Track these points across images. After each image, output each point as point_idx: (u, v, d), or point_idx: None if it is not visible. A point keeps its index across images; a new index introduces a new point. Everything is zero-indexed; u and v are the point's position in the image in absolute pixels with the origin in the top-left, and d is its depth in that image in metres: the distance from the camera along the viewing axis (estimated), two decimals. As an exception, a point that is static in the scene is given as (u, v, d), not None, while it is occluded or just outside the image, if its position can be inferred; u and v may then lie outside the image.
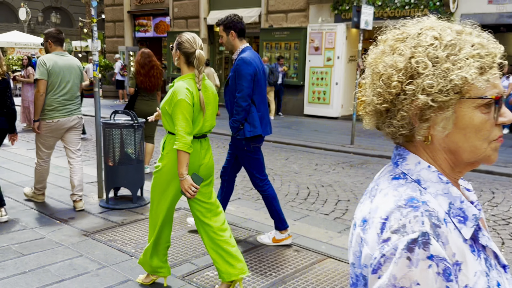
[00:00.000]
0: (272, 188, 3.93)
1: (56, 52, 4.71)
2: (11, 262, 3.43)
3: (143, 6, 18.50)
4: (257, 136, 3.72)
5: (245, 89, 3.61)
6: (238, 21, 3.79)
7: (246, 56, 3.67)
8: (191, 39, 2.96)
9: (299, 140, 9.69)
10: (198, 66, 2.90)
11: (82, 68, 4.95)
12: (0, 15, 32.16)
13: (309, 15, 13.79)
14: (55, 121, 4.60)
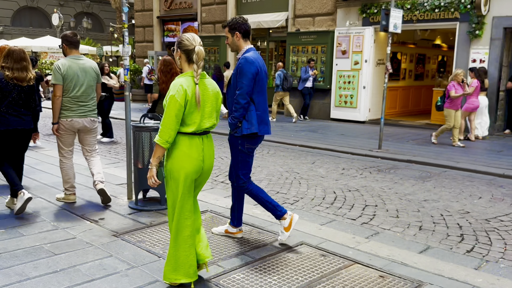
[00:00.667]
0: (255, 185, 4.07)
1: (71, 55, 4.91)
2: (43, 261, 3.53)
3: (172, 12, 18.78)
4: (254, 135, 3.81)
5: (245, 87, 3.71)
6: (243, 23, 3.89)
7: (249, 56, 3.77)
8: (190, 37, 3.08)
9: (325, 144, 9.63)
10: (197, 61, 3.00)
11: (98, 70, 5.13)
12: (34, 21, 33.20)
13: (336, 18, 13.72)
14: (69, 120, 4.85)
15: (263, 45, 16.90)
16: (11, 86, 4.55)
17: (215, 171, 7.18)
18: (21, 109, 4.64)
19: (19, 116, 4.62)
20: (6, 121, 4.56)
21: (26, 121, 4.70)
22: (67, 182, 5.06)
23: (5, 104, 4.55)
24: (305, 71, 13.53)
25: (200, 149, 3.08)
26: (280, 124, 12.97)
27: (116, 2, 26.24)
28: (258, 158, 8.25)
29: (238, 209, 4.14)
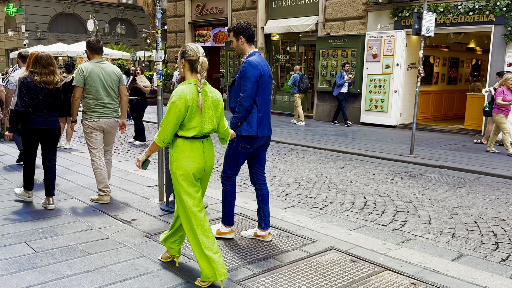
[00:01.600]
0: (233, 187, 4.13)
1: (94, 60, 5.24)
2: (77, 260, 3.63)
3: (203, 17, 19.02)
4: (252, 136, 3.94)
5: (248, 90, 3.86)
6: (247, 27, 4.03)
7: (253, 60, 3.91)
8: (194, 48, 3.27)
9: (355, 148, 9.54)
10: (201, 71, 3.20)
11: (120, 74, 5.41)
12: (70, 27, 34.22)
13: (367, 22, 13.60)
14: (96, 120, 5.17)
15: (293, 49, 16.90)
16: (39, 88, 4.83)
17: (244, 174, 7.22)
18: (47, 110, 4.93)
19: (44, 117, 4.90)
20: (32, 121, 4.85)
21: (51, 121, 4.96)
22: (101, 182, 5.23)
23: (32, 105, 4.83)
24: (340, 76, 13.29)
25: (201, 152, 3.28)
26: (309, 128, 12.92)
27: (149, 8, 26.78)
28: (287, 162, 8.25)
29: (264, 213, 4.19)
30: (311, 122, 14.63)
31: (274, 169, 7.69)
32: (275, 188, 6.42)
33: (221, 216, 4.21)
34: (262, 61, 4.00)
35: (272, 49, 17.09)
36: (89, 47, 5.26)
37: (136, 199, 5.37)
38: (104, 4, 34.84)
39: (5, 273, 3.35)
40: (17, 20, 32.45)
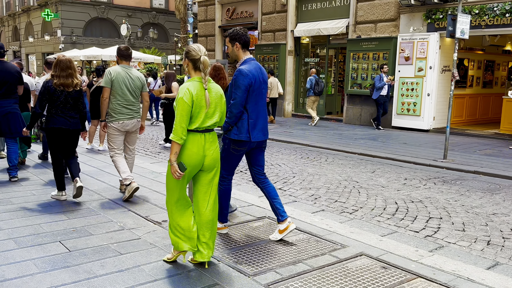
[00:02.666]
0: (229, 187, 4.31)
1: (121, 65, 5.60)
2: (109, 260, 3.70)
3: (233, 21, 19.15)
4: (240, 141, 4.08)
5: (238, 98, 3.99)
6: (243, 34, 4.13)
7: (244, 68, 4.01)
8: (196, 48, 3.47)
9: (386, 152, 9.39)
10: (204, 70, 3.40)
11: (144, 80, 5.76)
12: (104, 31, 35.07)
13: (399, 24, 13.38)
14: (121, 122, 5.53)
15: (322, 52, 16.81)
16: (59, 92, 5.21)
17: (273, 177, 7.21)
18: (69, 111, 5.29)
19: (66, 118, 5.27)
20: (54, 120, 5.23)
21: (73, 122, 5.34)
22: (124, 172, 5.53)
23: (54, 106, 5.24)
24: (379, 78, 12.92)
25: (201, 145, 3.43)
26: (339, 132, 12.80)
27: (180, 13, 27.18)
28: (316, 166, 8.19)
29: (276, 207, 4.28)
30: (340, 125, 14.49)
31: (303, 172, 7.65)
32: (304, 191, 6.38)
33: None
34: (255, 68, 4.10)
35: (301, 52, 17.04)
36: (119, 53, 5.64)
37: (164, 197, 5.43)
38: (137, 9, 35.56)
39: (40, 271, 3.45)
40: (54, 25, 33.49)
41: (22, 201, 5.31)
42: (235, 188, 6.11)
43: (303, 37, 16.68)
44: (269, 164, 8.31)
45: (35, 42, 36.45)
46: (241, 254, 3.87)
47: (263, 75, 4.19)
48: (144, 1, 36.12)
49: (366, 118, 14.45)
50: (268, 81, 14.36)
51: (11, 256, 3.72)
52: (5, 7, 41.41)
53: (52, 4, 32.90)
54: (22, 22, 38.80)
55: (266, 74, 4.26)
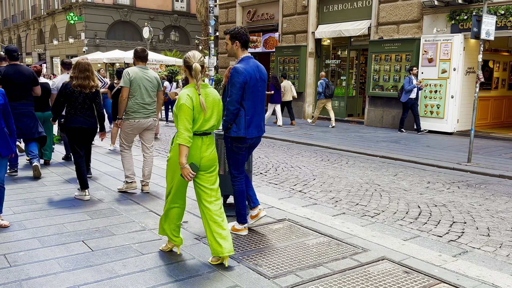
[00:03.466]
0: (242, 186, 4.37)
1: (138, 66, 5.79)
2: (131, 260, 3.74)
3: (254, 23, 19.20)
4: (241, 137, 4.20)
5: (234, 95, 4.12)
6: (244, 34, 4.25)
7: (239, 67, 4.15)
8: (191, 55, 3.64)
9: (409, 155, 9.25)
10: (195, 76, 3.55)
11: (159, 80, 5.97)
12: (127, 34, 35.58)
13: (422, 25, 13.20)
14: (136, 121, 5.72)
15: (344, 54, 16.69)
16: (77, 93, 5.51)
17: (293, 180, 7.18)
18: (87, 111, 5.61)
19: (84, 117, 5.58)
20: (74, 120, 5.55)
21: (91, 122, 5.66)
22: (128, 169, 5.86)
23: (73, 107, 5.54)
24: (408, 81, 12.54)
25: (198, 147, 3.59)
26: (360, 134, 12.69)
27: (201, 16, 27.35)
28: (337, 168, 8.13)
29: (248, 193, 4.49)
30: (361, 127, 14.36)
31: (323, 175, 7.60)
32: (324, 194, 6.34)
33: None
34: (251, 66, 4.20)
35: (322, 54, 16.96)
36: (135, 55, 5.85)
37: (188, 202, 5.45)
38: (159, 12, 35.97)
39: (63, 270, 3.51)
40: (77, 28, 34.14)
41: (46, 201, 5.42)
42: (255, 190, 6.10)
43: (324, 38, 16.60)
44: (289, 166, 8.28)
45: (60, 45, 37.21)
46: (261, 256, 3.86)
47: (260, 73, 4.28)
48: (166, 4, 36.52)
49: (388, 120, 14.29)
50: (281, 85, 14.50)
51: (35, 255, 3.79)
52: (31, 11, 42.40)
53: (76, 7, 33.54)
54: (47, 25, 39.67)
55: (264, 73, 4.35)
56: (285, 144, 11.16)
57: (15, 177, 6.64)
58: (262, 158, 9.16)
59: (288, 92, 14.68)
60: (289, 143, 11.33)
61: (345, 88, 16.36)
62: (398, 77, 13.83)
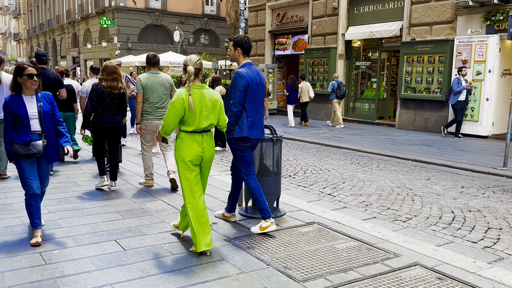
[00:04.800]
0: (255, 182, 4.52)
1: (150, 71, 6.25)
2: (162, 260, 3.79)
3: (283, 25, 19.19)
4: (244, 137, 4.40)
5: (237, 97, 4.34)
6: (246, 42, 4.51)
7: (241, 71, 4.39)
8: (188, 59, 3.98)
9: (442, 159, 9.04)
10: (188, 78, 3.88)
11: (172, 82, 6.35)
12: (158, 38, 36.15)
13: (456, 26, 12.90)
14: (150, 122, 6.16)
15: (375, 56, 16.47)
16: (106, 93, 5.91)
17: (322, 183, 7.13)
18: (114, 111, 6.01)
19: (111, 116, 5.99)
20: (102, 120, 5.95)
21: (117, 120, 6.06)
22: (147, 169, 6.33)
23: (101, 107, 5.94)
24: (457, 82, 12.00)
25: (199, 143, 3.94)
26: (391, 137, 12.48)
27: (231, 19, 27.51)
28: (367, 172, 8.02)
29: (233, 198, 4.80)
30: (392, 130, 14.12)
31: (353, 178, 7.52)
32: (354, 198, 6.26)
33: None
34: (252, 71, 4.44)
35: (352, 55, 16.79)
36: (147, 61, 6.28)
37: (216, 203, 5.51)
38: (189, 16, 36.41)
39: (96, 268, 3.59)
40: (110, 32, 34.91)
41: (80, 201, 5.55)
42: (284, 193, 6.09)
43: (354, 40, 16.43)
44: (318, 169, 8.23)
45: (93, 49, 38.15)
46: (290, 259, 3.85)
47: (260, 78, 4.53)
48: (197, 8, 36.93)
49: (420, 123, 14.02)
50: (299, 85, 14.84)
51: (69, 253, 3.89)
52: (66, 15, 43.64)
53: (109, 11, 34.33)
54: (81, 29, 40.74)
55: (263, 78, 4.61)
56: (314, 147, 11.09)
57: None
58: (290, 160, 9.13)
59: (306, 93, 14.95)
60: (318, 146, 11.25)
61: (375, 90, 16.14)
62: (431, 79, 13.55)
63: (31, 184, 4.08)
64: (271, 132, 5.02)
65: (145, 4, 34.80)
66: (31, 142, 4.06)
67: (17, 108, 4.05)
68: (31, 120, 4.11)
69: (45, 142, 4.15)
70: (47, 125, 4.20)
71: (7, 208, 5.15)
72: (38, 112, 4.14)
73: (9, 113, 4.05)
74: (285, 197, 5.84)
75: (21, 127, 4.07)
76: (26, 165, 4.10)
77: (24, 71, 4.07)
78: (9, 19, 66.92)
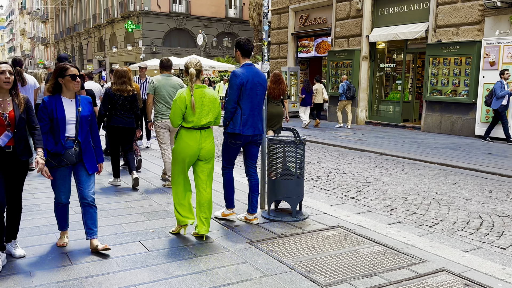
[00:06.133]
0: (230, 175, 4.91)
1: (163, 74, 6.60)
2: (186, 261, 3.81)
3: (306, 28, 19.12)
4: (235, 134, 4.69)
5: (231, 95, 4.66)
6: (245, 44, 4.79)
7: (237, 70, 4.69)
8: (189, 62, 4.32)
9: (469, 163, 8.84)
10: (191, 79, 4.21)
11: (183, 85, 6.51)
12: (182, 41, 36.54)
13: (484, 28, 12.61)
14: (163, 121, 6.47)
15: (399, 58, 16.25)
16: (117, 96, 6.35)
17: (345, 186, 7.06)
18: (126, 112, 6.43)
19: (123, 118, 6.43)
20: (115, 120, 6.41)
21: (129, 121, 6.48)
22: (169, 170, 6.46)
23: (115, 108, 6.37)
24: (500, 86, 11.51)
25: (197, 139, 4.25)
26: (416, 140, 12.28)
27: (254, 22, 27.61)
28: (392, 175, 7.90)
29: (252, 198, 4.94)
30: (418, 133, 13.90)
31: (377, 182, 7.42)
32: (379, 202, 6.17)
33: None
34: (249, 71, 4.70)
35: (377, 57, 16.60)
36: (161, 65, 6.66)
37: (239, 206, 5.51)
38: (212, 19, 36.69)
39: (121, 269, 3.63)
40: (135, 36, 35.45)
41: (106, 202, 5.63)
42: (307, 196, 6.06)
43: (379, 42, 16.24)
44: (341, 172, 8.15)
45: (118, 52, 38.80)
46: (314, 263, 3.81)
47: (259, 78, 4.78)
48: (220, 11, 37.19)
49: (446, 126, 13.75)
50: (313, 88, 15.19)
51: (95, 254, 3.94)
52: (92, 19, 44.53)
53: (134, 16, 34.87)
54: (107, 33, 41.49)
55: (263, 78, 4.85)
56: (337, 150, 11.00)
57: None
58: (313, 163, 9.08)
59: (320, 94, 15.52)
60: (341, 149, 11.15)
61: (400, 92, 15.91)
62: (458, 81, 13.27)
63: (60, 195, 3.98)
64: (294, 135, 5.00)
65: (170, 8, 35.23)
66: (64, 150, 3.81)
67: (55, 110, 3.79)
68: (68, 125, 3.83)
69: (77, 150, 3.88)
70: (84, 132, 3.92)
71: (35, 209, 5.27)
72: (76, 117, 3.86)
73: (46, 114, 3.79)
74: (308, 200, 5.80)
75: (56, 132, 3.81)
76: (58, 177, 3.89)
77: (67, 72, 3.81)
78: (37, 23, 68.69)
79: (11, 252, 3.86)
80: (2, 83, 3.54)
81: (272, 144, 5.04)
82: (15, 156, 3.62)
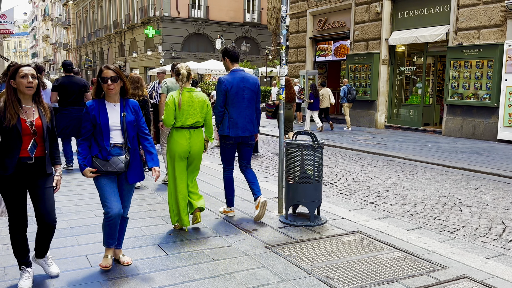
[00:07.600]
0: (229, 176, 5.17)
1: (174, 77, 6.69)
2: (203, 265, 3.81)
3: (324, 31, 19.06)
4: (224, 135, 5.01)
5: (217, 100, 5.00)
6: (231, 50, 5.07)
7: (222, 77, 4.99)
8: (180, 66, 4.68)
9: (491, 168, 8.66)
10: (182, 80, 4.59)
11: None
12: (201, 46, 36.82)
13: (506, 30, 12.38)
14: None
15: (420, 61, 16.05)
16: None
17: (364, 191, 6.98)
18: None
19: None
20: None
21: None
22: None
23: None
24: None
25: (187, 138, 4.56)
26: (437, 144, 12.09)
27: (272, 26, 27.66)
28: (412, 180, 7.79)
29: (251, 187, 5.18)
30: (439, 137, 13.69)
31: (397, 186, 7.32)
32: (399, 207, 6.09)
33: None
34: (235, 77, 4.96)
35: (396, 61, 16.44)
36: (172, 69, 6.69)
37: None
38: (231, 24, 36.88)
39: (140, 272, 3.65)
40: (155, 41, 35.86)
41: (125, 205, 5.68)
42: (325, 201, 6.01)
43: (398, 45, 16.09)
44: (360, 177, 8.07)
45: (138, 57, 39.30)
46: (332, 269, 3.78)
47: (246, 83, 5.01)
48: (238, 16, 37.37)
49: (468, 130, 13.51)
50: (320, 92, 15.47)
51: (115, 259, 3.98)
52: (113, 25, 45.22)
53: (154, 21, 35.28)
54: (127, 38, 42.08)
55: (252, 82, 5.05)
56: (356, 154, 10.91)
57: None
58: (332, 168, 9.01)
59: (326, 99, 15.72)
60: (360, 153, 11.06)
61: (421, 96, 15.70)
62: (479, 85, 13.05)
63: (111, 206, 3.53)
64: (312, 139, 4.98)
65: (189, 13, 35.56)
66: (110, 156, 3.56)
67: (97, 115, 3.55)
68: (112, 132, 3.58)
69: (128, 158, 3.60)
70: (130, 138, 3.65)
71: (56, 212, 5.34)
72: (120, 123, 3.60)
73: (89, 120, 3.55)
74: (326, 205, 5.75)
75: (100, 138, 3.57)
76: (106, 183, 3.58)
77: (102, 74, 3.54)
78: (60, 29, 70.11)
79: (44, 268, 3.59)
80: (24, 88, 3.20)
81: (290, 148, 5.02)
82: (40, 169, 3.33)
